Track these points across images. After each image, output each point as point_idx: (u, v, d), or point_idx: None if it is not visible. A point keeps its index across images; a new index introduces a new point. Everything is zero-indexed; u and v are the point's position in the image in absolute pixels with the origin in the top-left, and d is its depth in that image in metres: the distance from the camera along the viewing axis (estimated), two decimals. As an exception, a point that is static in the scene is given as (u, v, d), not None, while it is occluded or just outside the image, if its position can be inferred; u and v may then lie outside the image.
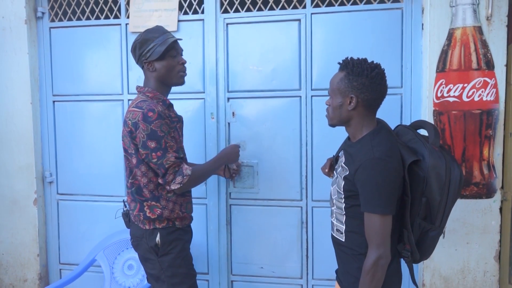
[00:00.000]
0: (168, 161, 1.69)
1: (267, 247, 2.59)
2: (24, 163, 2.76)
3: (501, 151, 2.21)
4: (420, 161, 1.43)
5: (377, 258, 1.36)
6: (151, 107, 1.69)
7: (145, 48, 1.79)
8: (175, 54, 1.83)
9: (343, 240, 1.54)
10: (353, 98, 1.46)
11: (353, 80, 1.45)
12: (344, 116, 1.51)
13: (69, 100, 2.78)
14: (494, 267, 2.25)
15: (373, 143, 1.43)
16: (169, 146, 1.70)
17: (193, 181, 1.77)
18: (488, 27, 2.16)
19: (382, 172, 1.36)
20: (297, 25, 2.47)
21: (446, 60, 2.21)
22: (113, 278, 2.53)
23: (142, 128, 1.67)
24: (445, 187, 1.40)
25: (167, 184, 1.72)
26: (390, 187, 1.37)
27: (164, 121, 1.70)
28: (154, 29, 1.83)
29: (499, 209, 2.22)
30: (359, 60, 1.48)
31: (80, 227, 2.83)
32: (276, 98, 2.52)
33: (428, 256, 1.56)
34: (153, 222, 1.80)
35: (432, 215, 1.44)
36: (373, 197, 1.37)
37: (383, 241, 1.37)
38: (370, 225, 1.39)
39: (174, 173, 1.71)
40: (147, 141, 1.67)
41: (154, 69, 1.81)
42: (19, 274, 2.85)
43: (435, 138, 1.46)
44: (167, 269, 1.79)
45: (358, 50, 2.36)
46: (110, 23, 2.69)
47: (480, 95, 2.17)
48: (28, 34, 2.71)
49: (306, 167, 2.50)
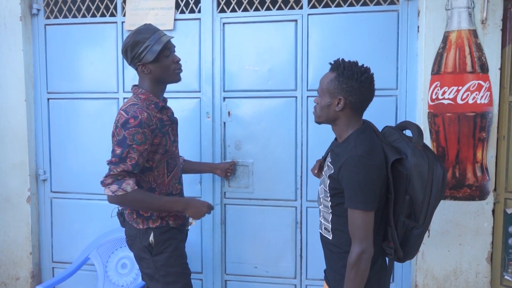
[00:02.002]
0: (115, 170, 1.64)
1: (261, 247, 2.60)
2: (17, 160, 2.75)
3: (494, 153, 2.23)
4: (403, 160, 1.47)
5: (360, 252, 1.41)
6: (136, 114, 1.66)
7: (137, 51, 1.74)
8: (168, 53, 1.79)
9: (330, 238, 1.58)
10: (341, 100, 1.49)
11: (343, 82, 1.48)
12: (331, 116, 1.55)
13: (63, 97, 2.77)
14: (486, 269, 2.27)
15: (357, 141, 1.47)
16: (128, 158, 1.64)
17: (127, 200, 1.68)
18: (483, 30, 2.18)
19: (363, 169, 1.40)
20: (294, 26, 2.47)
21: (441, 62, 2.22)
22: (106, 277, 2.52)
23: (118, 133, 1.67)
24: (427, 185, 1.43)
25: (103, 185, 1.67)
26: (371, 184, 1.41)
27: (142, 130, 1.65)
28: (143, 29, 1.77)
29: (491, 211, 2.24)
30: (350, 62, 1.51)
31: (74, 225, 2.81)
32: (272, 98, 2.52)
33: (413, 256, 1.59)
34: (146, 221, 1.79)
35: (416, 213, 1.47)
36: (355, 194, 1.41)
37: (365, 236, 1.41)
38: (353, 221, 1.43)
39: (114, 180, 1.65)
40: (116, 145, 1.67)
41: (149, 71, 1.77)
42: (11, 272, 2.83)
43: (418, 137, 1.48)
44: (161, 268, 1.79)
45: (354, 52, 2.37)
46: (106, 21, 2.67)
47: (474, 97, 2.19)
48: (23, 31, 2.69)
49: (301, 167, 2.50)
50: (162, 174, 1.82)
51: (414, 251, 1.55)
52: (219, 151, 2.57)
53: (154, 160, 1.77)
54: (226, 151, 2.58)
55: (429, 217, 1.48)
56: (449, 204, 2.26)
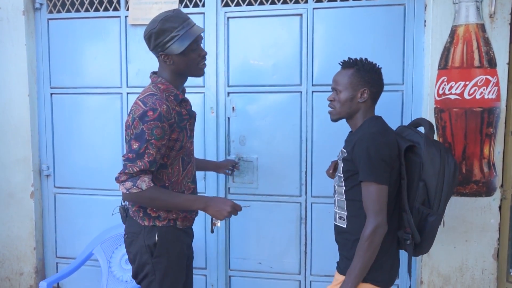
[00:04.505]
0: (131, 168, 1.54)
1: (265, 243, 2.59)
2: (21, 155, 2.74)
3: (502, 149, 2.20)
4: (416, 148, 1.56)
5: (375, 226, 1.46)
6: (155, 106, 1.54)
7: (162, 39, 1.59)
8: (195, 46, 1.65)
9: (345, 227, 1.63)
10: (366, 91, 1.62)
11: (365, 75, 1.62)
12: (353, 109, 1.64)
13: (67, 92, 2.75)
14: (492, 265, 2.26)
15: (370, 124, 1.60)
16: (146, 154, 1.54)
17: (142, 198, 1.58)
18: (491, 24, 2.15)
19: (375, 144, 1.50)
20: (299, 20, 2.45)
21: (448, 57, 2.20)
22: (110, 272, 2.52)
23: (135, 126, 1.55)
24: (440, 171, 1.52)
25: (117, 181, 1.60)
26: (382, 159, 1.48)
27: (162, 124, 1.54)
28: (172, 16, 1.60)
29: (498, 207, 2.22)
30: (365, 58, 1.66)
31: (77, 220, 2.81)
32: (276, 93, 2.50)
33: (429, 247, 1.64)
34: (153, 219, 1.68)
35: (430, 200, 1.54)
36: (367, 167, 1.49)
37: (380, 209, 1.47)
38: (367, 195, 1.50)
39: (129, 177, 1.56)
40: (132, 139, 1.56)
41: (172, 62, 1.63)
42: (15, 268, 2.83)
43: (429, 130, 1.59)
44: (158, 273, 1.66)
45: (360, 46, 2.35)
46: (109, 15, 2.65)
47: (481, 93, 2.16)
48: (26, 25, 2.67)
49: (306, 163, 2.49)
50: (177, 171, 1.71)
51: (430, 241, 1.60)
52: (223, 147, 2.56)
53: (170, 157, 1.66)
54: (231, 146, 2.57)
55: (443, 205, 1.54)
56: (455, 200, 2.24)
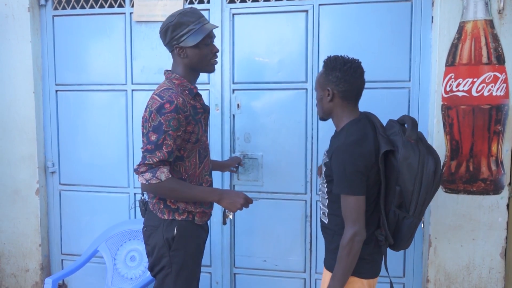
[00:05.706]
0: (151, 159, 1.60)
1: (270, 240, 2.58)
2: (26, 152, 2.74)
3: (510, 147, 2.18)
4: (395, 152, 1.54)
5: (353, 234, 1.49)
6: (171, 98, 1.61)
7: (179, 32, 1.68)
8: (209, 42, 1.74)
9: (326, 222, 1.68)
10: (329, 90, 1.60)
11: (329, 74, 1.60)
12: (326, 109, 1.65)
13: (72, 89, 2.75)
14: (500, 264, 2.23)
15: (348, 131, 1.57)
16: (165, 144, 1.60)
17: (161, 189, 1.64)
18: (499, 20, 2.12)
19: (349, 157, 1.50)
20: (304, 16, 2.43)
21: (456, 54, 2.17)
22: (115, 269, 2.51)
23: (152, 118, 1.61)
24: (417, 177, 1.51)
25: (137, 172, 1.65)
26: (357, 170, 1.49)
27: (178, 116, 1.61)
28: (189, 12, 1.71)
29: (506, 205, 2.20)
30: (336, 56, 1.63)
31: (82, 217, 2.81)
32: (282, 90, 2.49)
33: (407, 245, 1.63)
34: (172, 212, 1.73)
35: (406, 204, 1.55)
36: (341, 180, 1.52)
37: (357, 218, 1.50)
38: (345, 205, 1.52)
39: (148, 168, 1.62)
40: (150, 132, 1.62)
41: (186, 55, 1.71)
42: (21, 264, 2.84)
43: (411, 131, 1.55)
44: (175, 266, 1.72)
45: (366, 43, 2.33)
46: (114, 11, 2.65)
47: (490, 90, 2.14)
48: (31, 22, 2.67)
49: (311, 161, 2.47)
50: (194, 164, 1.77)
51: (406, 240, 1.60)
52: (228, 144, 2.55)
53: (186, 149, 1.71)
54: (236, 143, 2.56)
55: (420, 208, 1.55)
56: (462, 199, 2.23)
